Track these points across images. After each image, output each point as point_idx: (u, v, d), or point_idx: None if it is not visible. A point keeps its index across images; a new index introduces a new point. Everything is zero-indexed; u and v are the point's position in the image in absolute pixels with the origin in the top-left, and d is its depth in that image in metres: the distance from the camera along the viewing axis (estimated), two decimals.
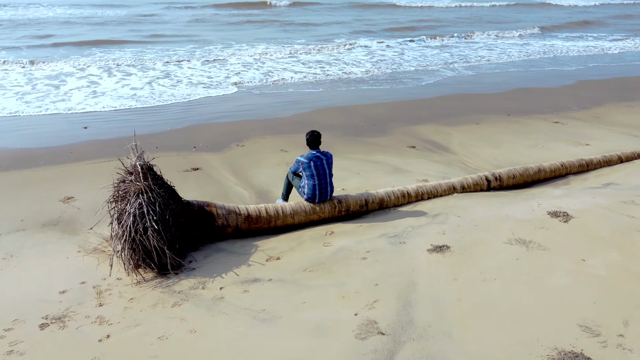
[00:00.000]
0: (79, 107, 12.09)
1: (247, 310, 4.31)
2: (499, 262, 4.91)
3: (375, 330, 3.96)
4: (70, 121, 11.11)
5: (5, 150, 9.05)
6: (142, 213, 4.88)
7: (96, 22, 27.65)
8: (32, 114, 11.50)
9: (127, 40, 21.99)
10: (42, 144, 9.55)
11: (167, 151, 9.33)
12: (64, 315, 4.25)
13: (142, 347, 3.84)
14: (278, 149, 9.36)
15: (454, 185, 6.89)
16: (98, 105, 12.29)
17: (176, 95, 13.40)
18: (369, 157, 8.84)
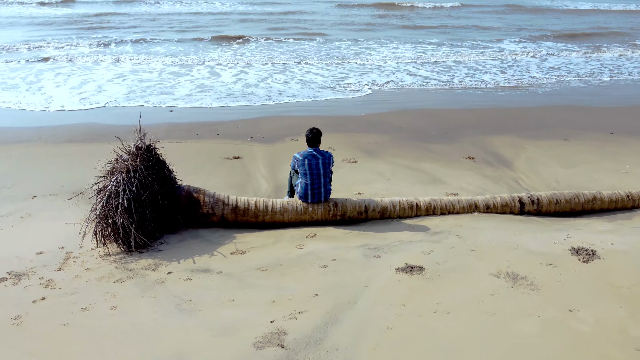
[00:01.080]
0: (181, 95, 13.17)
1: (175, 298, 4.31)
2: (468, 295, 4.26)
3: (277, 341, 3.69)
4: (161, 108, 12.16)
5: (81, 126, 10.21)
6: (118, 191, 5.14)
7: (240, 20, 29.49)
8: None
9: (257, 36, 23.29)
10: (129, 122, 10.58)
11: (225, 138, 9.72)
12: (23, 274, 4.66)
13: (61, 314, 4.05)
14: (328, 146, 9.19)
15: (477, 203, 6.13)
16: (196, 97, 13.25)
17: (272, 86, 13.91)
18: (414, 163, 8.26)
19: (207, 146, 9.28)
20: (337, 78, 15.09)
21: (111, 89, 13.37)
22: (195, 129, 10.42)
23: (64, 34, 22.16)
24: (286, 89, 13.81)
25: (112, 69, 15.69)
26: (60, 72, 15.08)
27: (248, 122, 10.84)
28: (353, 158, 8.50)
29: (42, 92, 12.97)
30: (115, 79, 14.32)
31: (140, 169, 5.40)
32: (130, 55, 17.90)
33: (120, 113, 11.31)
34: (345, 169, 8.00)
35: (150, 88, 13.61)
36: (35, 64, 16.01)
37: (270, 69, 16.09)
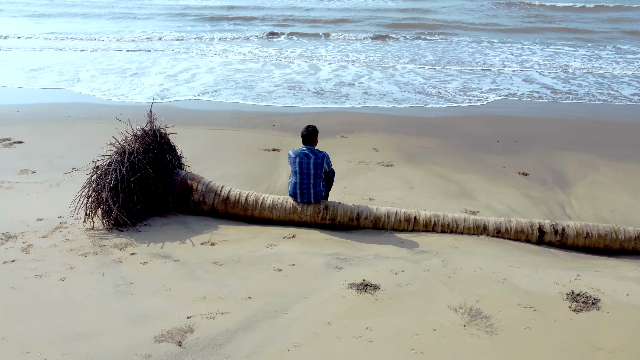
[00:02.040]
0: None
1: (119, 279, 4.43)
2: (406, 325, 3.79)
3: (178, 338, 3.61)
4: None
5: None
6: (109, 170, 5.42)
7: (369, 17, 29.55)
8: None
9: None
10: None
11: (277, 130, 9.81)
12: (13, 237, 5.13)
13: (16, 277, 4.37)
14: (371, 147, 8.82)
15: (486, 225, 5.43)
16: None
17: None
18: (452, 174, 7.56)
19: (254, 136, 9.43)
20: (439, 81, 14.33)
21: (202, 78, 14.25)
22: (256, 118, 10.65)
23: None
24: (379, 89, 13.38)
25: (212, 60, 16.69)
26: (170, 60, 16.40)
27: (310, 116, 10.81)
28: (390, 161, 8.04)
29: (136, 80, 14.26)
30: (217, 69, 15.22)
31: (137, 151, 5.63)
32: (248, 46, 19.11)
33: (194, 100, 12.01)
34: (375, 172, 7.59)
35: (244, 79, 14.26)
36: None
37: (370, 67, 15.89)
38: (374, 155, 8.37)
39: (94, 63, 16.36)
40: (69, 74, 14.60)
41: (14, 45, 19.87)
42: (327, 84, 13.76)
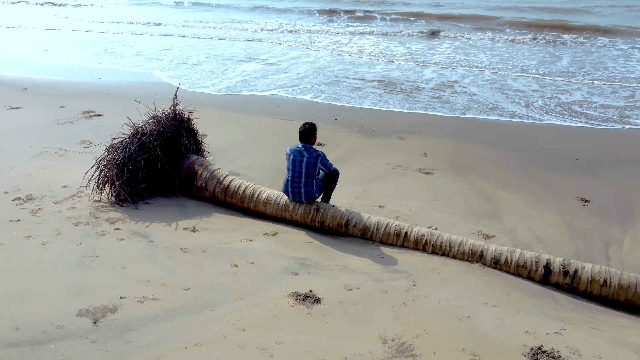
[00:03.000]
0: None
1: (90, 250, 4.71)
2: (320, 347, 3.52)
3: (98, 316, 3.74)
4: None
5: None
6: (119, 148, 5.77)
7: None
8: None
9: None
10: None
11: (336, 125, 9.65)
12: (32, 199, 5.72)
13: (9, 236, 4.87)
14: (423, 151, 8.28)
15: (483, 253, 4.79)
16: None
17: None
18: (493, 190, 6.79)
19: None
20: (557, 89, 13.03)
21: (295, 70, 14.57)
22: (321, 111, 10.59)
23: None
24: (477, 94, 12.48)
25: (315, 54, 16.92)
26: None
27: (378, 113, 10.48)
28: (432, 169, 7.46)
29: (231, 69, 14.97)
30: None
31: (151, 133, 5.92)
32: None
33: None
34: (407, 178, 7.10)
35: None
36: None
37: (479, 71, 14.92)
38: (418, 160, 7.83)
39: (204, 50, 17.56)
40: (174, 59, 15.87)
41: (149, 31, 22.12)
42: (425, 84, 13.05)
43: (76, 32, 22.98)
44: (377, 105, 11.06)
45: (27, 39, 20.89)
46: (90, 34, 22.08)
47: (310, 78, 13.45)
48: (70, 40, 20.20)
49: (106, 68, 14.91)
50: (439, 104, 11.21)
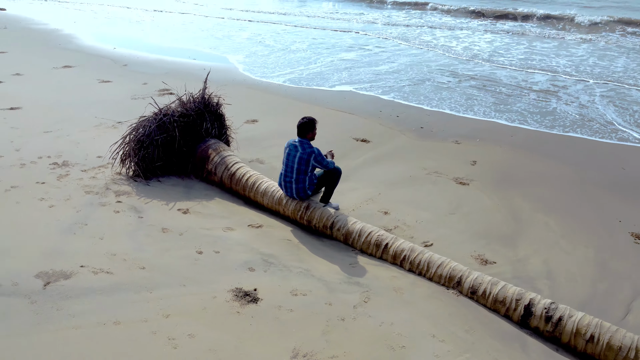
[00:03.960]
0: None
1: (84, 218, 5.08)
2: (220, 345, 3.45)
3: (51, 280, 4.04)
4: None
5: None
6: (140, 127, 6.11)
7: None
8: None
9: None
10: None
11: (394, 123, 9.29)
12: (66, 165, 6.29)
13: (28, 195, 5.42)
14: (472, 159, 7.62)
15: (461, 280, 4.27)
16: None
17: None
18: (528, 211, 6.03)
19: (362, 123, 9.13)
20: None
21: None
22: (387, 107, 10.25)
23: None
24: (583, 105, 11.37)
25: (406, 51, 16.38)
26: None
27: (448, 116, 9.86)
28: (471, 179, 6.84)
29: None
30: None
31: (173, 114, 6.18)
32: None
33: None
34: (435, 186, 6.59)
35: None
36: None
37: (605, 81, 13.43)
38: (461, 168, 7.21)
39: (303, 39, 17.86)
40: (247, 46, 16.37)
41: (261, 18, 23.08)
42: (528, 90, 11.95)
43: (195, 16, 24.78)
44: (453, 108, 10.31)
45: (150, 20, 23.03)
46: (206, 19, 23.66)
47: (400, 74, 12.95)
48: (187, 24, 21.85)
49: (204, 51, 15.90)
50: (530, 113, 10.13)
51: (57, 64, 12.45)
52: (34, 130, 7.49)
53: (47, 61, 12.74)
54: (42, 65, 12.29)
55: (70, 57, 13.56)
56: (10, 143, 6.91)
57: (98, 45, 15.88)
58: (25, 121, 7.92)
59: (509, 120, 9.64)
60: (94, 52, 14.57)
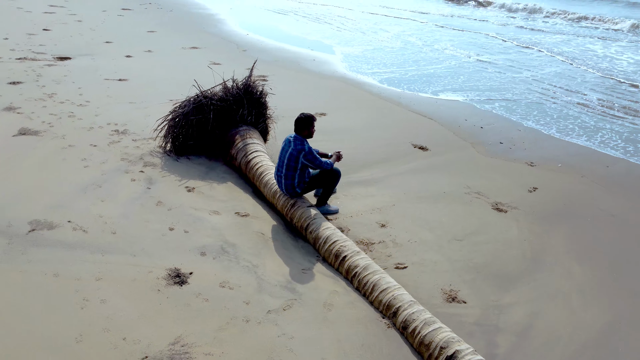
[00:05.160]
0: None
1: (102, 180, 5.68)
2: (111, 313, 3.66)
3: (38, 228, 4.68)
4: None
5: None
6: (181, 106, 6.57)
7: None
8: None
9: None
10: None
11: (475, 133, 8.60)
12: (124, 133, 7.05)
13: (74, 156, 6.25)
14: (533, 185, 6.70)
15: (397, 312, 3.84)
16: None
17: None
18: (558, 253, 5.13)
19: (434, 130, 8.64)
20: None
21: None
22: (474, 116, 9.49)
23: None
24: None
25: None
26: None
27: (547, 137, 8.82)
28: (515, 207, 6.03)
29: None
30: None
31: (211, 97, 6.53)
32: None
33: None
34: (465, 207, 5.95)
35: None
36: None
37: None
38: (511, 193, 6.39)
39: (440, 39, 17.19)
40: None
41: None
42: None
43: (349, 10, 25.27)
44: (562, 130, 9.05)
45: (302, 12, 24.17)
46: (359, 14, 24.00)
47: (530, 85, 11.78)
48: (334, 17, 22.48)
49: (326, 43, 16.27)
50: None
51: (186, 45, 13.87)
52: (122, 100, 8.54)
53: (181, 42, 14.26)
54: (174, 45, 13.80)
55: (203, 39, 14.98)
56: (95, 109, 7.98)
57: (236, 30, 17.25)
58: (122, 92, 9.05)
59: (615, 148, 8.16)
60: (227, 36, 15.86)
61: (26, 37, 12.82)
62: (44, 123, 7.19)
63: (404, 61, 13.92)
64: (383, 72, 12.70)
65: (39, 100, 8.11)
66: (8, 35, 12.90)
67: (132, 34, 14.85)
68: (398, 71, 12.80)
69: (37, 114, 7.53)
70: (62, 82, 9.23)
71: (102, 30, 14.92)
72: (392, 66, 13.34)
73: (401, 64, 13.54)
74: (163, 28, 16.33)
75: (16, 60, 10.45)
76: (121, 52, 12.33)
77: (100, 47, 12.69)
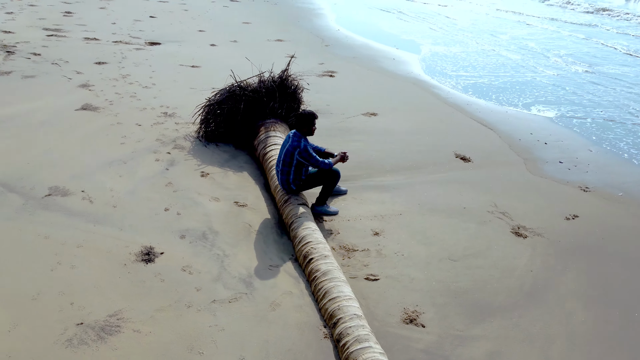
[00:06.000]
0: None
1: (128, 158, 6.14)
2: (94, 280, 3.98)
3: (39, 195, 5.21)
4: None
5: None
6: (217, 94, 6.83)
7: None
8: None
9: None
10: None
11: (531, 148, 7.92)
12: (170, 116, 7.52)
13: (115, 132, 6.81)
14: (573, 212, 6.00)
15: (337, 323, 3.67)
16: None
17: None
18: (571, 292, 4.50)
19: (487, 141, 8.08)
20: None
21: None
22: (544, 132, 8.67)
23: None
24: None
25: None
26: None
27: (617, 160, 7.84)
28: (537, 233, 5.45)
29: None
30: None
31: (245, 89, 6.72)
32: None
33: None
34: (479, 227, 5.47)
35: None
36: None
37: None
38: (543, 218, 5.77)
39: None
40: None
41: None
42: None
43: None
44: None
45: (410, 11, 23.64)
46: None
47: (622, 104, 10.51)
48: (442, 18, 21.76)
49: (418, 42, 15.80)
50: None
51: (272, 37, 14.32)
52: (184, 85, 9.09)
53: (270, 34, 14.75)
54: (261, 36, 14.32)
55: (291, 32, 15.36)
56: (157, 92, 8.61)
57: (330, 25, 17.42)
58: (189, 77, 9.63)
59: None
60: (317, 31, 16.07)
61: (131, 23, 14.14)
62: (106, 101, 7.91)
63: (498, 66, 13.05)
64: (468, 75, 12.04)
65: (112, 80, 8.93)
66: (117, 20, 14.35)
67: (227, 24, 15.68)
68: (487, 76, 12.04)
69: (105, 92, 8.32)
70: (140, 65, 10.06)
71: (201, 20, 15.95)
72: (481, 70, 12.58)
73: (494, 69, 12.72)
74: (259, 20, 17.01)
75: (112, 43, 11.60)
76: (208, 40, 13.10)
77: (192, 35, 13.59)
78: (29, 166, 5.70)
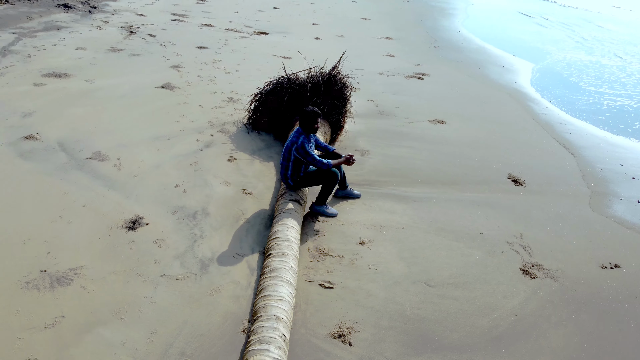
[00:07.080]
0: None
1: (174, 137, 6.69)
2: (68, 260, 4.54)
3: (91, 156, 5.95)
4: None
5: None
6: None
7: None
8: None
9: None
10: None
11: (600, 188, 6.86)
12: (233, 101, 7.96)
13: (176, 112, 7.44)
14: (605, 259, 5.12)
15: (257, 321, 3.66)
16: None
17: None
18: (564, 337, 3.88)
19: (553, 166, 7.21)
20: None
21: None
22: (623, 161, 7.47)
23: None
24: None
25: None
26: None
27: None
28: (553, 275, 4.75)
29: None
30: None
31: (292, 82, 6.86)
32: None
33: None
34: (489, 257, 4.93)
35: None
36: None
37: None
38: (570, 262, 5.02)
39: None
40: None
41: None
42: None
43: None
44: None
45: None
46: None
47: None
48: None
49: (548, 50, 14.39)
50: None
51: (382, 35, 14.18)
52: (264, 74, 9.50)
53: (382, 31, 14.64)
54: (371, 33, 14.29)
55: (406, 31, 15.05)
56: (236, 78, 9.16)
57: (453, 26, 16.70)
58: (274, 67, 9.97)
59: None
60: (434, 31, 15.53)
61: (252, 13, 15.10)
62: (186, 82, 8.66)
63: (633, 86, 11.38)
64: (584, 91, 10.70)
65: (202, 64, 9.72)
66: (241, 9, 15.42)
67: (344, 19, 15.90)
68: (606, 95, 10.59)
69: (190, 74, 9.09)
70: (236, 52, 10.76)
71: (321, 13, 16.39)
72: (607, 87, 11.08)
73: (623, 88, 11.12)
74: (380, 17, 16.93)
75: (223, 30, 12.55)
76: (315, 34, 13.44)
77: (303, 27, 14.07)
78: (90, 131, 6.55)
